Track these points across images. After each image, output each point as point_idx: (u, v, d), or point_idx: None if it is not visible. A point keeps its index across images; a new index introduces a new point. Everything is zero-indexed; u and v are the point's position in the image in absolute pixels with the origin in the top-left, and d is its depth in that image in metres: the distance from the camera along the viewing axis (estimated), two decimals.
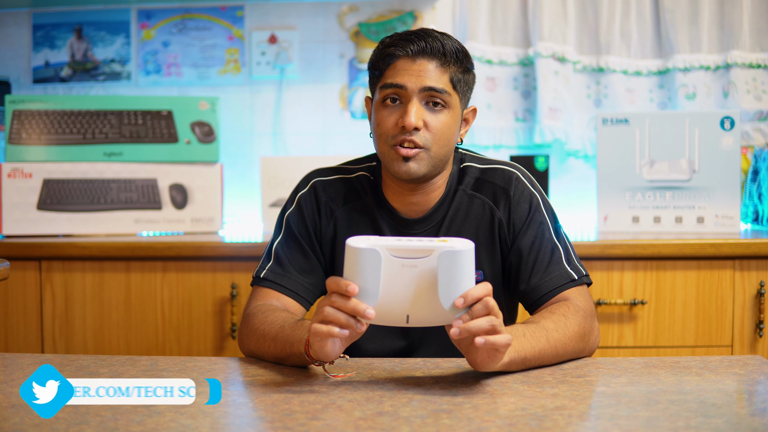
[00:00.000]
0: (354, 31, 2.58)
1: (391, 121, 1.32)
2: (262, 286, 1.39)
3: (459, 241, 1.05)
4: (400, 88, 1.31)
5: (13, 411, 0.99)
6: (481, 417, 0.96)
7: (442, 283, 1.04)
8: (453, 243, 1.04)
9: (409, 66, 1.31)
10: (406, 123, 1.29)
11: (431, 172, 1.35)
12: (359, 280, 1.04)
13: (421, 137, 1.31)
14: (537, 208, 1.38)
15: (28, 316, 2.05)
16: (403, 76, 1.31)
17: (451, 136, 1.34)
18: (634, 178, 2.19)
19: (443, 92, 1.31)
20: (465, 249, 1.04)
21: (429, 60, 1.31)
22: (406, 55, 1.31)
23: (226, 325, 2.03)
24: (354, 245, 1.05)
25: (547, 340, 1.19)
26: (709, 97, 2.49)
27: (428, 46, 1.31)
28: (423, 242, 1.05)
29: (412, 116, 1.29)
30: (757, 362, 1.22)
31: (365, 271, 1.04)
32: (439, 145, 1.32)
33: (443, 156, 1.35)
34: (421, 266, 1.04)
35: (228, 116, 2.59)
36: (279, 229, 1.44)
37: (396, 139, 1.31)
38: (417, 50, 1.31)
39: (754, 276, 1.96)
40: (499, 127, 2.56)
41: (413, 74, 1.31)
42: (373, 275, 1.04)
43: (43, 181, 2.20)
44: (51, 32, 2.62)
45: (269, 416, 0.99)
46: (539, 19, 2.48)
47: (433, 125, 1.31)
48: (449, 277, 1.03)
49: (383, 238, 1.07)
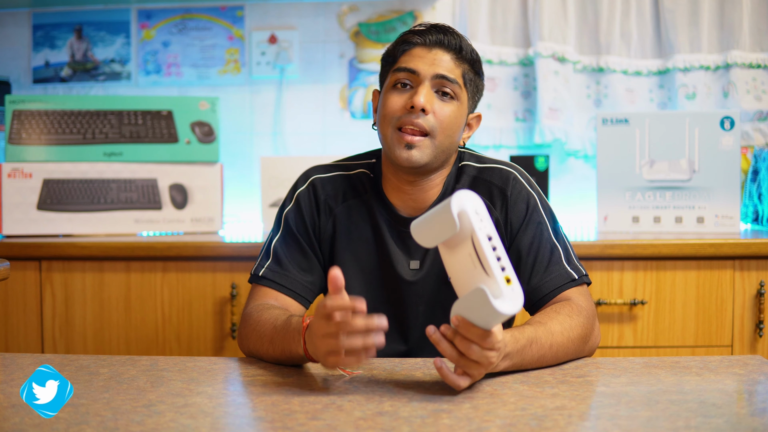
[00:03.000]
0: (354, 31, 2.58)
1: (400, 102, 1.33)
2: (261, 284, 1.39)
3: (511, 297, 1.00)
4: (413, 73, 1.32)
5: (13, 411, 0.99)
6: (481, 417, 0.96)
7: (463, 298, 1.03)
8: (504, 293, 0.99)
9: (425, 54, 1.33)
10: (416, 102, 1.30)
11: (433, 163, 1.34)
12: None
13: (427, 121, 1.31)
14: (535, 208, 1.38)
15: (28, 316, 2.05)
16: (417, 62, 1.33)
17: (457, 129, 1.35)
18: (634, 178, 2.19)
19: (454, 82, 1.33)
20: (495, 311, 0.99)
21: (444, 52, 1.34)
22: (423, 44, 1.34)
23: (226, 325, 2.03)
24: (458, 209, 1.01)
25: (550, 346, 1.19)
26: (709, 97, 2.49)
27: (446, 39, 1.34)
28: (492, 263, 1.00)
29: (422, 96, 1.30)
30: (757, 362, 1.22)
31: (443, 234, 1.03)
32: (444, 134, 1.33)
33: (446, 147, 1.35)
34: (475, 272, 1.02)
35: (228, 116, 2.59)
36: (277, 226, 1.44)
37: (401, 120, 1.31)
38: (434, 41, 1.34)
39: (754, 276, 1.96)
40: (499, 127, 2.56)
41: (427, 61, 1.33)
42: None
43: (43, 181, 2.20)
44: (51, 32, 2.62)
45: (269, 416, 0.99)
46: (539, 19, 2.48)
47: (440, 112, 1.32)
48: (471, 304, 1.01)
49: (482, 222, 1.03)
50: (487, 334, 1.03)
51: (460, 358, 1.05)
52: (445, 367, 1.05)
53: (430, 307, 1.41)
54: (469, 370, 1.06)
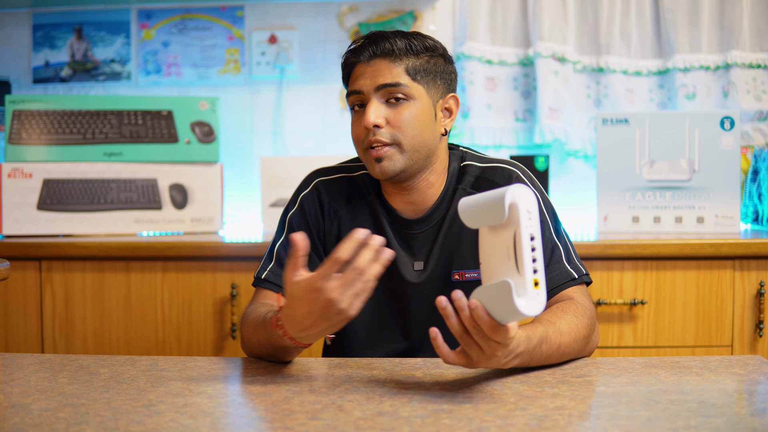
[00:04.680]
0: (354, 31, 2.58)
1: (359, 125, 1.36)
2: (263, 287, 1.39)
3: (534, 299, 0.99)
4: (359, 93, 1.35)
5: (13, 411, 0.99)
6: (481, 417, 0.96)
7: (487, 287, 1.02)
8: (530, 294, 0.99)
9: (364, 70, 1.35)
10: (366, 123, 1.32)
11: (410, 166, 1.35)
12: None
13: (384, 134, 1.33)
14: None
15: (28, 316, 2.05)
16: (359, 81, 1.35)
17: (422, 126, 1.35)
18: (634, 178, 2.19)
19: (398, 85, 1.33)
20: (515, 309, 0.98)
21: (381, 59, 1.34)
22: (360, 61, 1.36)
23: (226, 325, 2.03)
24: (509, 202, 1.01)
25: (558, 346, 1.19)
26: (709, 97, 2.49)
27: (378, 47, 1.34)
28: (527, 262, 0.99)
29: (369, 115, 1.32)
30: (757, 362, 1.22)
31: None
32: (409, 137, 1.33)
33: (418, 147, 1.35)
34: (508, 265, 1.01)
35: (228, 116, 2.59)
36: (281, 229, 1.44)
37: (365, 142, 1.35)
38: (369, 54, 1.35)
39: (754, 276, 1.96)
40: (499, 127, 2.56)
41: (368, 77, 1.34)
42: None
43: (43, 181, 2.20)
44: (51, 32, 2.62)
45: (269, 416, 0.99)
46: (539, 19, 2.48)
47: (395, 119, 1.33)
48: (494, 294, 1.01)
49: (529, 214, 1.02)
50: (499, 328, 1.02)
51: (463, 334, 1.03)
52: (440, 338, 1.04)
53: (433, 308, 1.40)
54: (468, 349, 1.04)
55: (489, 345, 1.03)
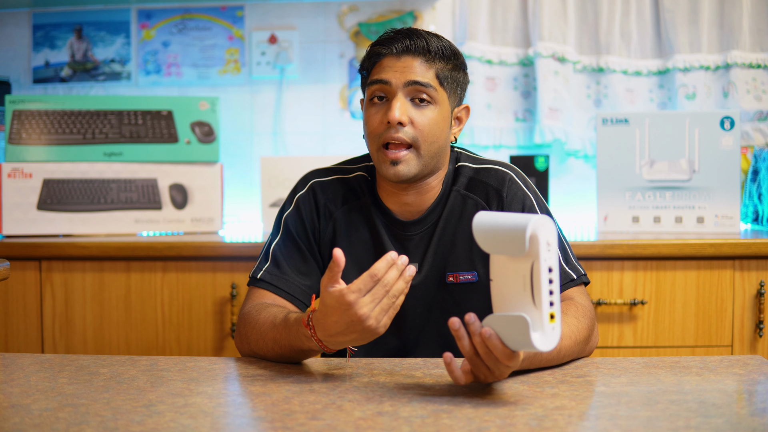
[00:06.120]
0: (354, 31, 2.58)
1: (378, 118, 1.33)
2: (259, 287, 1.39)
3: (550, 334, 0.99)
4: (385, 84, 1.32)
5: (13, 411, 0.99)
6: (481, 417, 0.96)
7: (503, 317, 1.02)
8: (546, 328, 0.98)
9: (394, 63, 1.32)
10: (390, 117, 1.29)
11: (422, 172, 1.35)
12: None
13: (407, 133, 1.31)
14: (531, 209, 1.38)
15: (28, 316, 2.05)
16: (387, 72, 1.32)
17: (440, 133, 1.34)
18: (634, 178, 2.19)
19: (428, 86, 1.31)
20: (530, 344, 0.98)
21: (414, 57, 1.32)
22: (390, 53, 1.33)
23: (226, 325, 2.03)
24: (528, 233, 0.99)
25: (560, 349, 1.19)
26: (709, 97, 2.49)
27: (413, 43, 1.32)
28: (544, 296, 0.99)
29: (396, 110, 1.30)
30: (757, 362, 1.22)
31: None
32: (428, 142, 1.32)
33: (433, 154, 1.34)
34: (523, 294, 1.01)
35: (228, 116, 2.59)
36: (277, 229, 1.44)
37: (383, 137, 1.32)
38: (402, 48, 1.32)
39: (754, 276, 1.96)
40: (499, 127, 2.56)
41: (398, 70, 1.32)
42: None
43: (43, 181, 2.20)
44: (51, 32, 2.62)
45: (269, 416, 0.99)
46: (539, 19, 2.48)
47: (419, 121, 1.31)
48: (508, 326, 1.00)
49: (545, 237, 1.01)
50: (512, 355, 1.03)
51: (474, 357, 1.04)
52: (454, 363, 1.05)
53: (428, 309, 1.41)
54: (477, 372, 1.05)
55: (499, 368, 1.04)
